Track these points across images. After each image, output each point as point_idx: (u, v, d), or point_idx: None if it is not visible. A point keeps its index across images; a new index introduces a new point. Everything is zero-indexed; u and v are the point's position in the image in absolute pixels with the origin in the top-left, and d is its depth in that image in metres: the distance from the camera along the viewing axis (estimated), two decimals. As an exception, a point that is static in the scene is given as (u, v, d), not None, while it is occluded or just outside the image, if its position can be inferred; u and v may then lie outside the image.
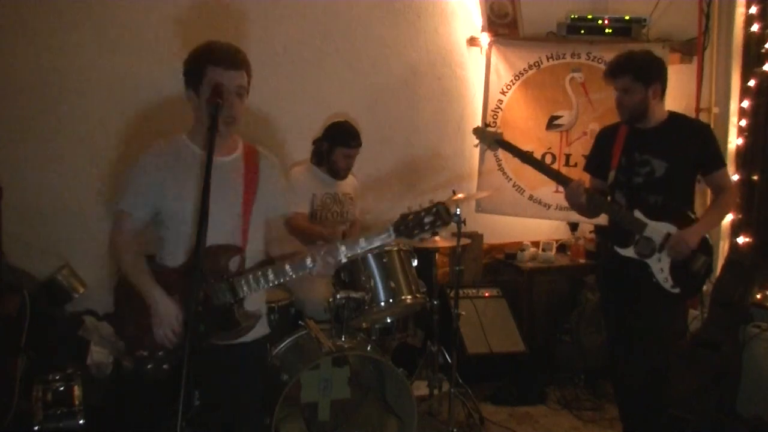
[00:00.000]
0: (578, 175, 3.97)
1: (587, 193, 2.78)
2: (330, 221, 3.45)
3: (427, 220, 1.93)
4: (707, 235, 2.80)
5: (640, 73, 2.71)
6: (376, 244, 2.00)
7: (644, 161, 2.77)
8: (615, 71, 2.77)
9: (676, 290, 2.71)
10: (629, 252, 2.76)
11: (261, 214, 2.14)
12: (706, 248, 2.77)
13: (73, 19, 3.46)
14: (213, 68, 1.98)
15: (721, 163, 2.80)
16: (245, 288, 2.01)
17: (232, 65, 1.99)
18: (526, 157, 3.01)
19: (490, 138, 3.05)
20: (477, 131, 3.14)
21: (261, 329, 2.15)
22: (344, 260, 2.03)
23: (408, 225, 1.93)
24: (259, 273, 2.02)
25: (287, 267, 2.02)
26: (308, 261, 2.01)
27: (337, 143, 3.41)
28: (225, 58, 1.99)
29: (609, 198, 2.88)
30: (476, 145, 3.25)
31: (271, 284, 2.03)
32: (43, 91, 3.45)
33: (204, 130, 1.98)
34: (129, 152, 3.58)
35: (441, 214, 1.92)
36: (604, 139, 2.96)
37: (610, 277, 2.98)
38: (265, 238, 2.19)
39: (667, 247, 2.69)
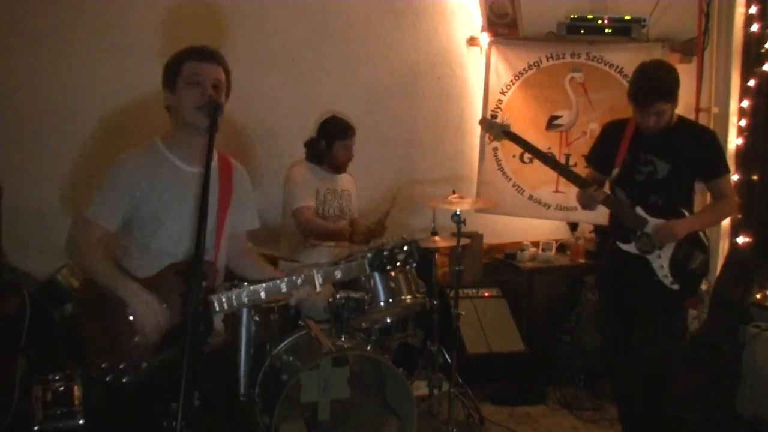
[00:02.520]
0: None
1: (606, 197, 2.80)
2: (332, 217, 3.47)
3: (399, 257, 2.03)
4: (702, 235, 2.82)
5: (671, 95, 2.70)
6: (351, 276, 2.05)
7: (648, 161, 2.79)
8: (651, 100, 2.67)
9: (676, 287, 2.74)
10: (631, 247, 2.80)
11: (229, 228, 2.13)
12: (703, 247, 2.80)
13: (73, 19, 3.47)
14: (188, 63, 1.99)
15: (723, 171, 2.81)
16: (217, 307, 1.96)
17: (206, 58, 1.99)
18: (534, 150, 2.99)
19: (498, 129, 3.02)
20: (483, 122, 3.13)
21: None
22: (319, 289, 2.02)
23: (382, 261, 2.03)
24: (233, 294, 1.97)
25: (261, 291, 1.98)
26: (283, 286, 1.99)
27: (335, 137, 3.44)
28: (199, 52, 2.00)
29: (610, 193, 2.89)
30: (482, 136, 3.21)
31: (243, 305, 2.00)
32: (43, 91, 3.45)
33: (181, 135, 2.01)
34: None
35: (413, 253, 2.04)
36: (611, 134, 2.95)
37: (611, 276, 2.98)
38: (229, 251, 2.17)
39: (654, 232, 2.73)
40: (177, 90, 1.98)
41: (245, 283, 2.04)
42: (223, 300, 1.96)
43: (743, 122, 3.62)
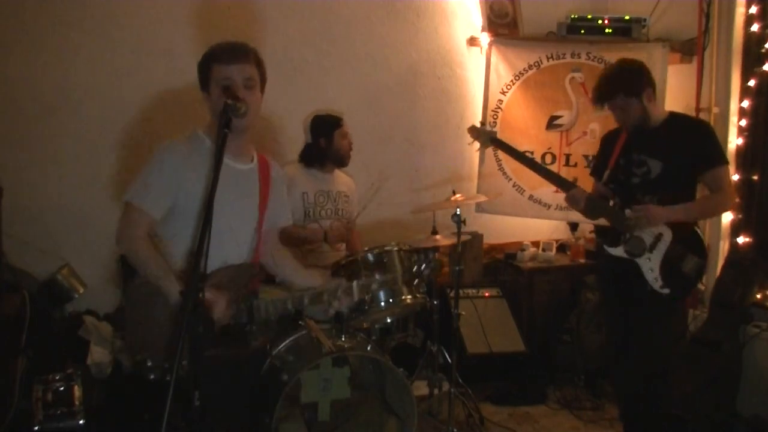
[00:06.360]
0: (579, 174, 4.01)
1: (586, 198, 2.77)
2: (323, 219, 3.46)
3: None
4: (701, 235, 2.77)
5: (629, 89, 2.67)
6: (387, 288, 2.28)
7: (641, 161, 2.75)
8: (605, 96, 2.72)
9: (666, 291, 2.68)
10: (619, 251, 2.75)
11: (267, 224, 2.16)
12: (699, 250, 2.72)
13: (73, 20, 3.47)
14: (217, 66, 1.98)
15: (717, 162, 2.70)
16: (263, 312, 2.01)
17: (234, 59, 1.98)
18: (521, 157, 3.01)
19: (485, 136, 3.04)
20: (472, 130, 3.13)
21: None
22: (356, 298, 2.15)
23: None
24: (279, 301, 2.04)
25: (305, 299, 2.09)
26: (324, 296, 2.10)
27: (332, 129, 3.45)
28: (226, 53, 1.98)
29: (591, 194, 2.85)
30: (470, 143, 3.24)
31: (285, 312, 2.05)
32: (43, 91, 3.45)
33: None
34: (129, 153, 3.59)
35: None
36: (608, 143, 2.95)
37: (607, 277, 2.97)
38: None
39: (631, 214, 2.68)
40: (211, 93, 2.00)
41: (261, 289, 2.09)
42: (270, 306, 2.03)
43: (743, 122, 3.62)
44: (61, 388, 2.86)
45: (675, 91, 3.94)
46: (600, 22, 4.12)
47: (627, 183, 2.79)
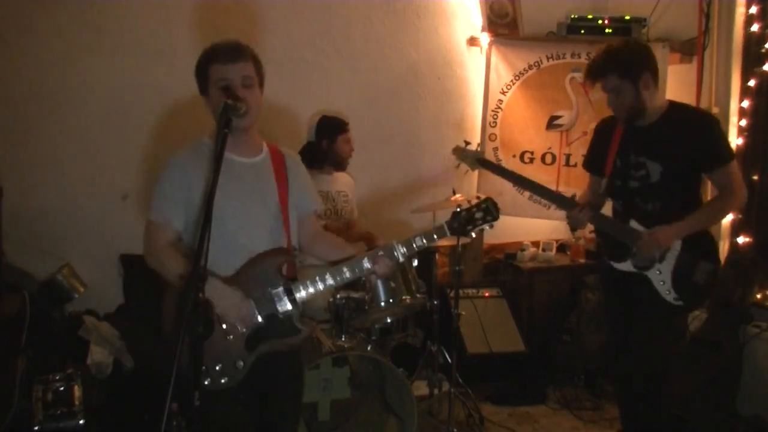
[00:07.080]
0: (579, 175, 4.01)
1: (590, 218, 2.66)
2: (324, 219, 3.45)
3: (478, 215, 2.06)
4: (713, 238, 2.66)
5: (625, 70, 2.48)
6: (432, 242, 2.06)
7: (639, 164, 2.59)
8: (597, 72, 2.54)
9: (680, 303, 2.57)
10: (626, 266, 2.64)
11: (294, 212, 2.15)
12: (712, 254, 2.60)
13: (75, 21, 3.47)
14: (215, 66, 1.97)
15: (723, 160, 2.52)
16: (303, 293, 2.00)
17: (231, 58, 1.97)
18: (512, 176, 2.93)
19: (471, 157, 2.97)
20: (456, 151, 3.05)
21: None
22: (401, 260, 2.04)
23: (461, 222, 2.05)
24: (317, 277, 2.01)
25: (345, 269, 2.03)
26: (366, 262, 2.03)
27: (336, 133, 3.45)
28: (223, 53, 1.97)
29: (596, 212, 2.74)
30: (457, 166, 3.13)
31: (328, 287, 2.01)
32: (45, 92, 3.45)
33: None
34: (129, 153, 3.59)
35: (490, 210, 2.07)
36: (602, 135, 2.80)
37: (608, 277, 2.88)
38: (301, 236, 2.19)
39: (635, 247, 2.55)
40: (210, 96, 1.99)
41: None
42: (308, 284, 2.00)
43: (743, 122, 3.62)
44: (61, 388, 2.87)
45: (675, 91, 3.93)
46: (600, 22, 4.12)
47: (625, 187, 2.66)
